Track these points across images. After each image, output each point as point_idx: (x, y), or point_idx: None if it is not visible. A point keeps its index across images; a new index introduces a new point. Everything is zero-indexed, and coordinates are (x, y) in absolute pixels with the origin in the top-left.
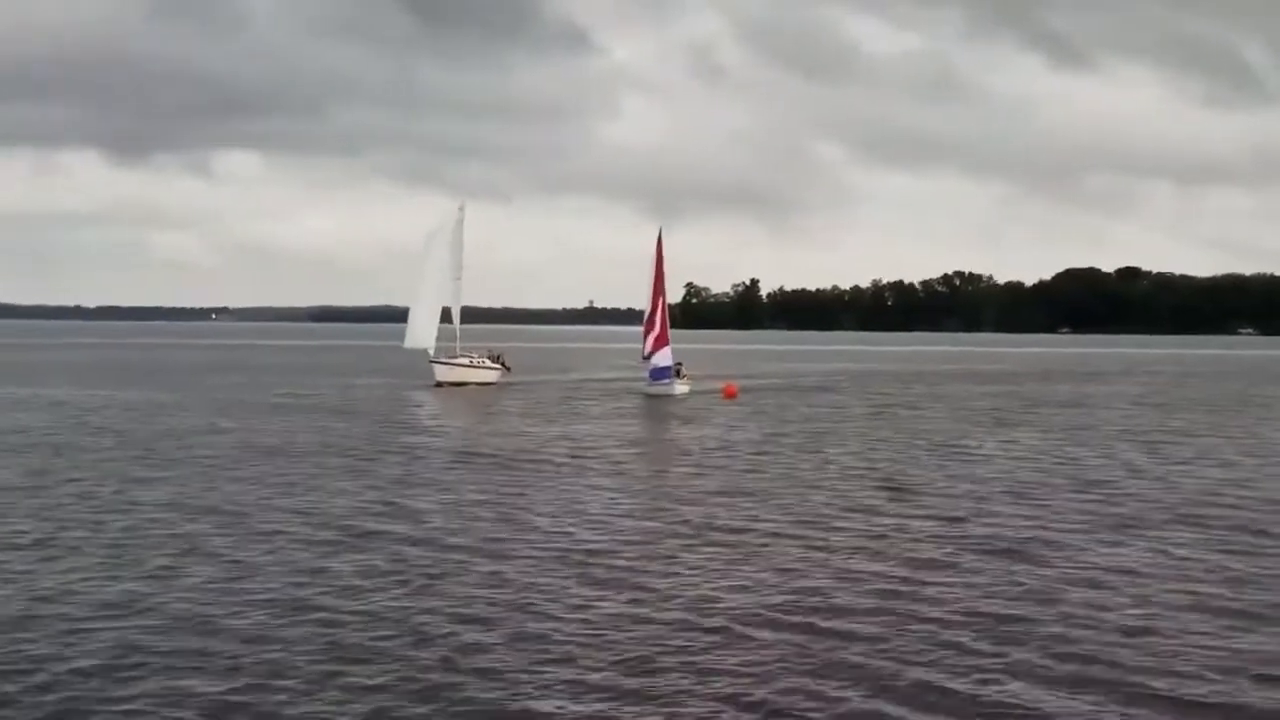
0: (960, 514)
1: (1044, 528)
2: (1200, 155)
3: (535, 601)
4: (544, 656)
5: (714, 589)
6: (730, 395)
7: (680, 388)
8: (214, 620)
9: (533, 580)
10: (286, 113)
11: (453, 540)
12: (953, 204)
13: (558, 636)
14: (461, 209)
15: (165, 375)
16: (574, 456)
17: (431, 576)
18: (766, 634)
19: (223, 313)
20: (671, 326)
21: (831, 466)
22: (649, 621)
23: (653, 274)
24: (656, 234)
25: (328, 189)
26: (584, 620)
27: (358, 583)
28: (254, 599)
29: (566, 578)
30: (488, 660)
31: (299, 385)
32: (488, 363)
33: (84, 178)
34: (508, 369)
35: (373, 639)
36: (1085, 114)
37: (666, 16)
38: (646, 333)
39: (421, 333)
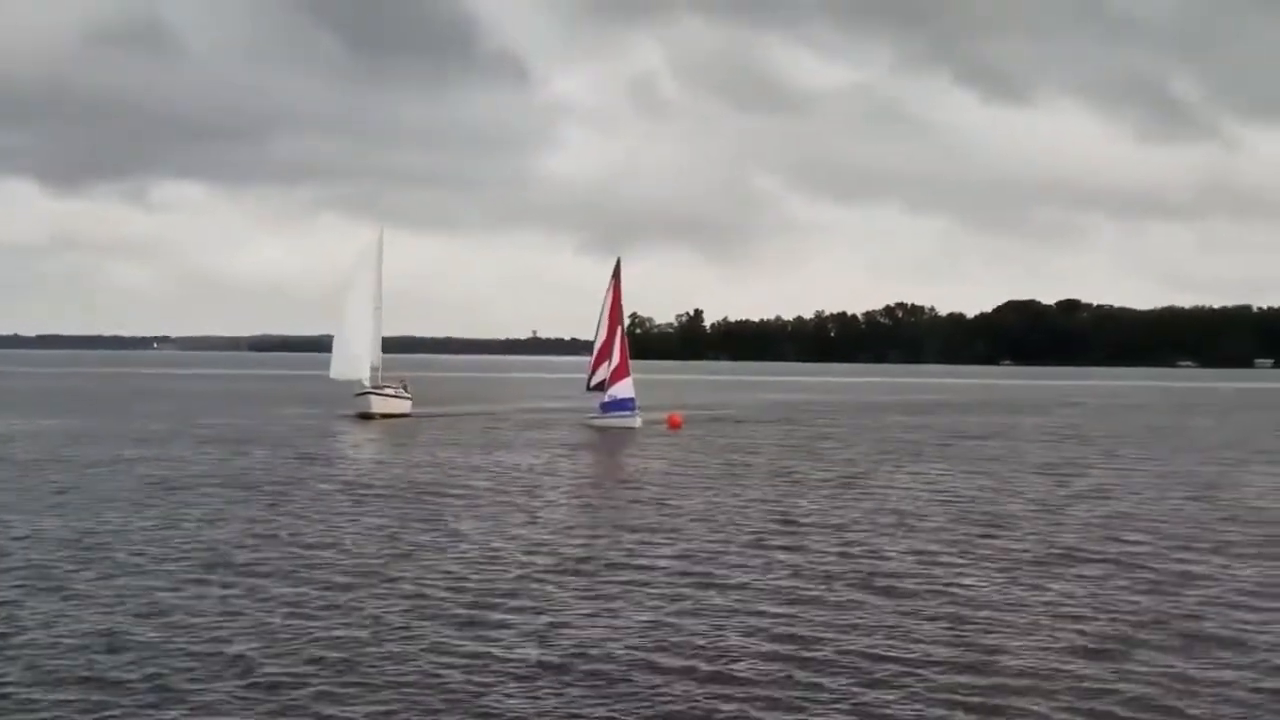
0: (835, 549)
1: (920, 562)
2: (1137, 188)
3: (385, 639)
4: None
5: (563, 625)
6: (675, 426)
7: (639, 420)
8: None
9: (389, 617)
10: (226, 141)
11: (316, 575)
12: (894, 236)
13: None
14: (379, 237)
15: (89, 403)
16: (482, 488)
17: (285, 612)
18: (614, 673)
19: (165, 341)
20: None
21: (732, 500)
22: (505, 659)
23: (609, 303)
24: (611, 265)
25: (269, 218)
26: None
27: (191, 620)
28: (82, 631)
29: (420, 614)
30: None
31: (223, 414)
32: (404, 392)
33: (20, 207)
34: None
35: (192, 679)
36: (1022, 147)
37: (604, 50)
38: (599, 363)
39: (353, 362)
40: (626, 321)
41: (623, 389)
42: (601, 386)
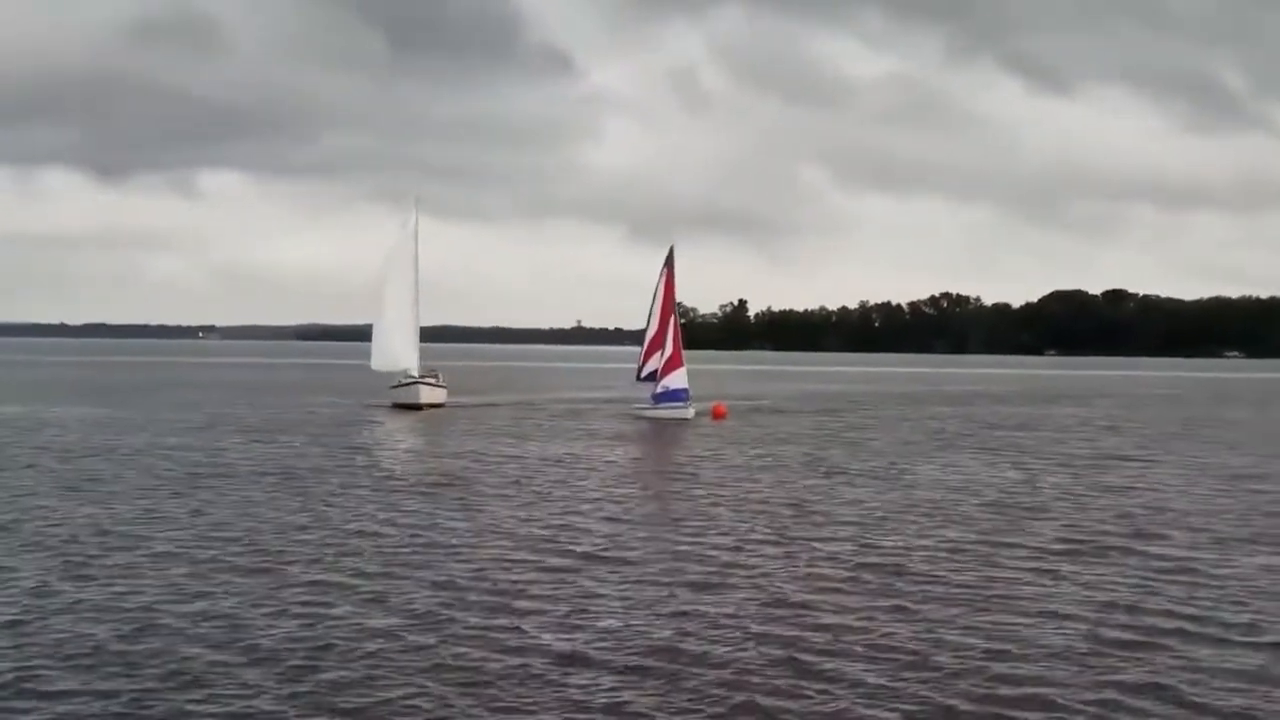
0: (843, 536)
1: (935, 549)
2: (1183, 180)
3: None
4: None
5: (544, 622)
6: (719, 416)
7: (692, 411)
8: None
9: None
10: (269, 135)
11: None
12: (939, 227)
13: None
14: (414, 217)
15: (129, 393)
16: (518, 478)
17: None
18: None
19: (210, 331)
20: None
21: (759, 487)
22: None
23: (662, 293)
24: (661, 255)
25: (312, 210)
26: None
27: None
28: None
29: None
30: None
31: (269, 404)
32: (439, 382)
33: (68, 198)
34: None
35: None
36: (1067, 138)
37: (646, 41)
38: (650, 353)
39: (396, 352)
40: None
41: (676, 379)
42: (653, 377)
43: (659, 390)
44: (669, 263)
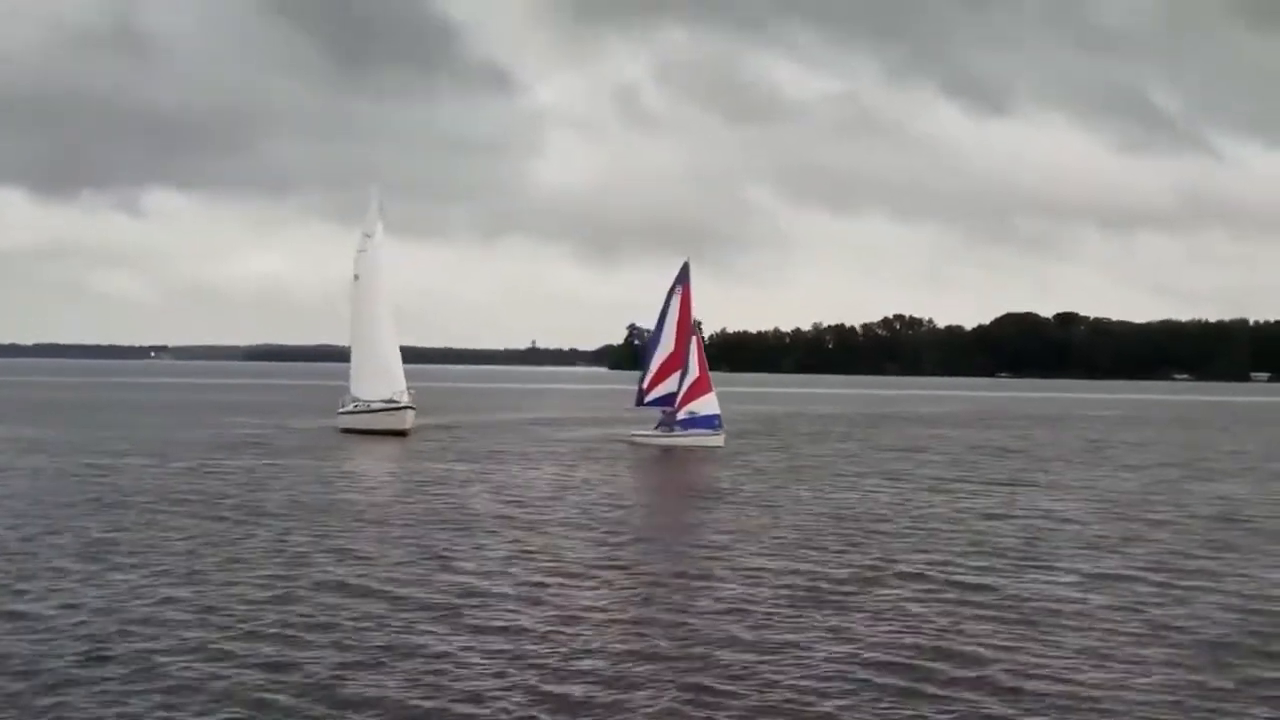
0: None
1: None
2: (1123, 199)
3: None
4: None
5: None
6: None
7: (722, 438)
8: None
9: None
10: (216, 150)
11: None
12: (888, 247)
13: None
14: (379, 231)
15: (64, 413)
16: (493, 507)
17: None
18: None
19: (162, 351)
20: (615, 368)
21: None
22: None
23: (677, 311)
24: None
25: (263, 226)
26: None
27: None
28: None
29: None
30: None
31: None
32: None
33: (9, 215)
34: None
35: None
36: (1006, 158)
37: (586, 57)
38: (662, 375)
39: (384, 376)
40: (624, 332)
41: (706, 405)
42: (669, 401)
43: (683, 416)
44: (683, 279)
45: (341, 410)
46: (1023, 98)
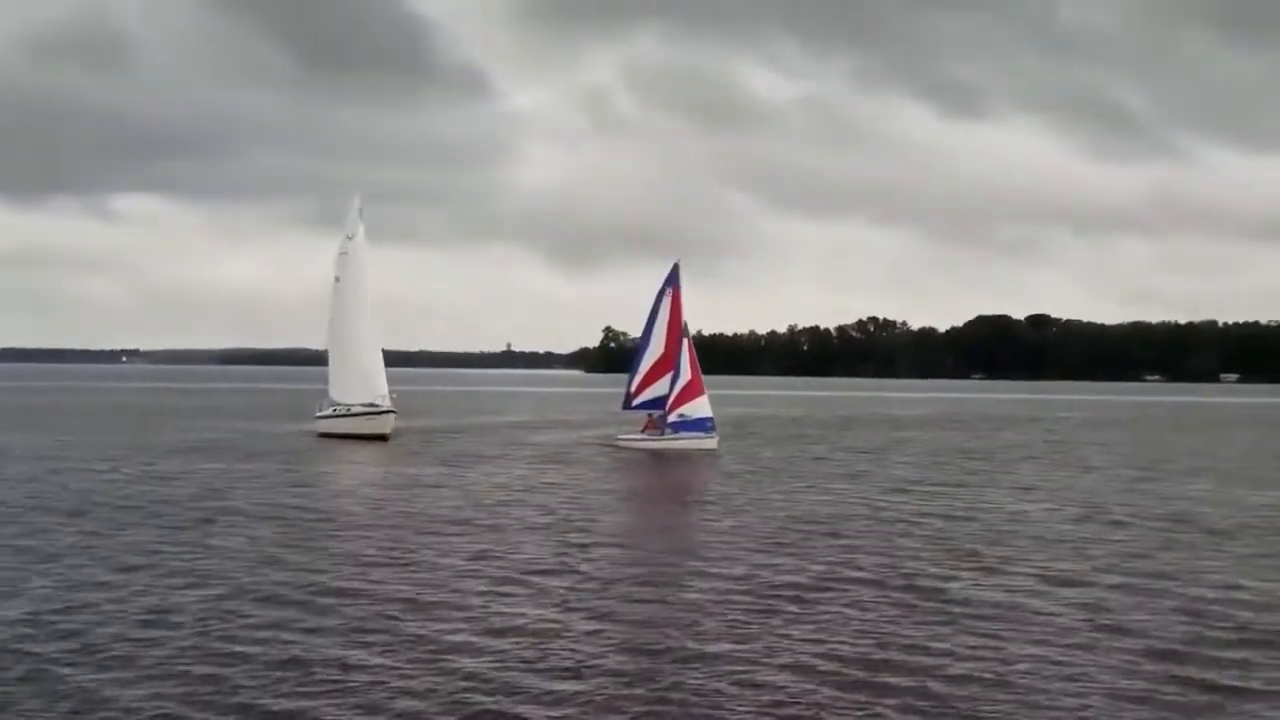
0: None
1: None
2: (1095, 204)
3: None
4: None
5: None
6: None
7: (715, 440)
8: None
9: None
10: (188, 155)
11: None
12: (859, 250)
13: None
14: (360, 232)
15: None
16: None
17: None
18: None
19: (134, 355)
20: (591, 370)
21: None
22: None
23: (668, 313)
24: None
25: (236, 231)
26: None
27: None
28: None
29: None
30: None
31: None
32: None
33: None
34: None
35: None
36: (980, 163)
37: (561, 63)
38: (652, 378)
39: (365, 379)
40: (600, 336)
41: (698, 408)
42: (657, 404)
43: (675, 419)
44: (673, 280)
45: (319, 414)
46: (997, 103)
